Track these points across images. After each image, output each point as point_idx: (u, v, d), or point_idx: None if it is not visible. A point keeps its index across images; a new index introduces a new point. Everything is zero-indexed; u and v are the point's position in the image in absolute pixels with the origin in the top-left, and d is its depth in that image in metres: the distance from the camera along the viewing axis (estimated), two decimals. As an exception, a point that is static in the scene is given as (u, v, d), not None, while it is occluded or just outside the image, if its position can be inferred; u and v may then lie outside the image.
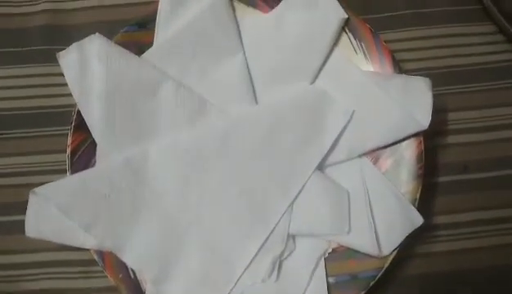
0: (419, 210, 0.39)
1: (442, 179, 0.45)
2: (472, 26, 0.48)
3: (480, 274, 0.43)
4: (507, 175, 0.45)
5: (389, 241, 0.38)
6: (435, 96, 0.39)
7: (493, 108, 0.46)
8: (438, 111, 0.45)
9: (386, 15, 0.48)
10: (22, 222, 0.39)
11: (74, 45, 0.40)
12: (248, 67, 0.42)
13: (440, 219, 0.44)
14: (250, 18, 0.43)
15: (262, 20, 0.43)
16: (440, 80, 0.46)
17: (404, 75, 0.40)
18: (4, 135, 0.46)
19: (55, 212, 0.38)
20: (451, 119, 0.46)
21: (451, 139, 0.45)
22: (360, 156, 0.41)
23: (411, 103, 0.39)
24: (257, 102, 0.41)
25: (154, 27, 0.42)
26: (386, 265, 0.38)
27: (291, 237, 0.39)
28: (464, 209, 0.44)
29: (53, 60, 0.42)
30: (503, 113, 0.46)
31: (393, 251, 0.38)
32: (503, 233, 0.43)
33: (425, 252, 0.43)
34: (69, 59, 0.40)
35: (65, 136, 0.41)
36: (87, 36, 0.40)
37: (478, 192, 0.44)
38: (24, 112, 0.47)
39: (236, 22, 0.43)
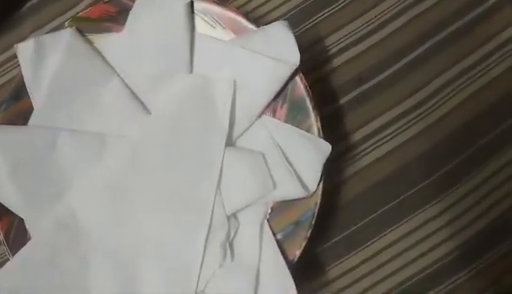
0: (329, 138, 0.40)
1: (343, 100, 0.46)
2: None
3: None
4: (403, 65, 0.46)
5: (311, 177, 0.39)
6: (305, 31, 0.40)
7: (366, 13, 0.47)
8: (315, 42, 0.46)
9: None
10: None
11: None
12: (127, 86, 0.43)
13: (357, 135, 0.45)
14: (109, 42, 0.43)
15: (118, 40, 0.43)
16: (305, 14, 0.47)
17: (262, 27, 0.42)
18: None
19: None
20: (332, 42, 0.47)
21: (340, 59, 0.46)
22: (260, 116, 0.42)
23: (277, 48, 0.40)
24: (149, 112, 0.43)
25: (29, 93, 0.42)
26: (319, 200, 0.39)
27: (232, 216, 0.41)
28: (376, 116, 0.45)
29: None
30: (377, 13, 0.47)
31: (319, 183, 0.39)
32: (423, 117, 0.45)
33: (355, 171, 0.45)
34: None
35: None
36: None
37: (380, 95, 0.46)
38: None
39: (99, 52, 0.43)
